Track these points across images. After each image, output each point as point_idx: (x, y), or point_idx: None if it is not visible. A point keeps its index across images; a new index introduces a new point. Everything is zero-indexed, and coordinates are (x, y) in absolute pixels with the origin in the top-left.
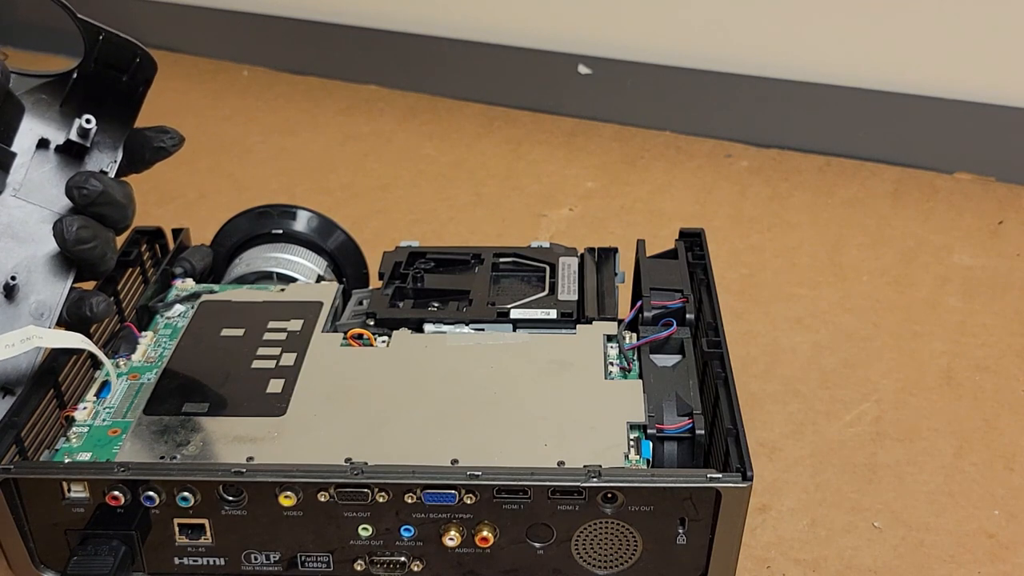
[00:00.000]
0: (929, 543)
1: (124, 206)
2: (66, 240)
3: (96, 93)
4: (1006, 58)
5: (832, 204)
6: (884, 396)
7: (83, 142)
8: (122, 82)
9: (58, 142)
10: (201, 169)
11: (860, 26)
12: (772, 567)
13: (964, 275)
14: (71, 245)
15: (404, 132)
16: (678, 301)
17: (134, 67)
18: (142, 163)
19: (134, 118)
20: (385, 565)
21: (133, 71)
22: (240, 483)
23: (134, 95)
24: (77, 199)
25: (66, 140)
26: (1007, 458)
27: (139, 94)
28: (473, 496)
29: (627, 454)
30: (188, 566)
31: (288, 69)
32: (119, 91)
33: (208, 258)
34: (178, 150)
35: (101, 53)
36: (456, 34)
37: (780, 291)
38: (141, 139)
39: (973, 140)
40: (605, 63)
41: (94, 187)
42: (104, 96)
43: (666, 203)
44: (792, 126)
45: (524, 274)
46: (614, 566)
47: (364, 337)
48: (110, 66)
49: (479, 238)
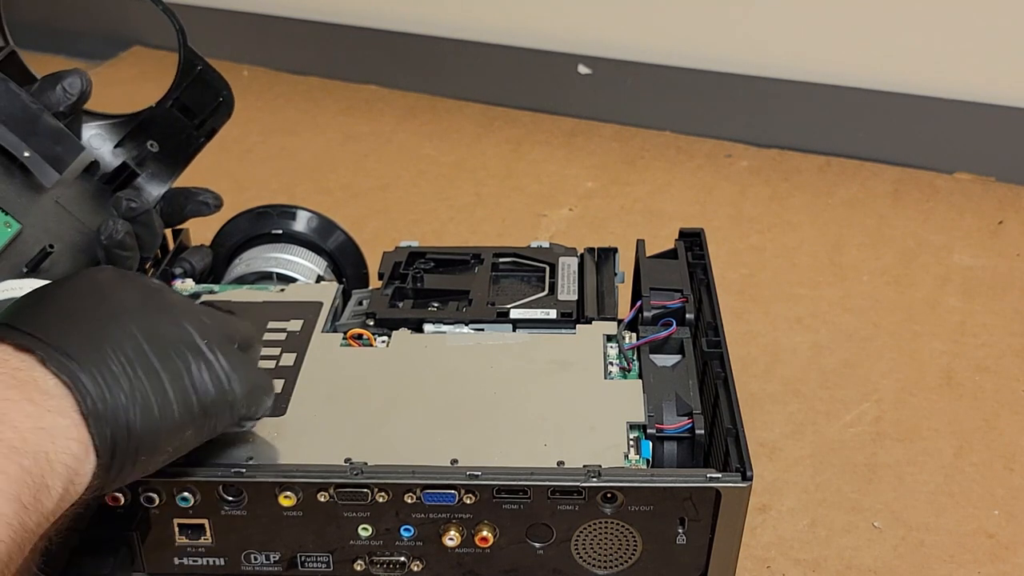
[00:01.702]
0: (929, 543)
1: (156, 234)
2: (112, 238)
3: (157, 135)
4: (1006, 58)
5: (832, 204)
6: (884, 396)
7: (138, 169)
8: (189, 130)
9: (107, 170)
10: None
11: (860, 26)
12: (772, 567)
13: (964, 275)
14: (112, 245)
15: (404, 132)
16: (678, 301)
17: (213, 107)
18: (178, 216)
19: (185, 165)
20: (385, 565)
21: (210, 112)
22: (240, 483)
23: (194, 143)
24: (123, 210)
25: (121, 164)
26: (1007, 458)
27: (199, 144)
28: (473, 496)
29: (627, 454)
30: (188, 566)
31: (288, 69)
32: (182, 139)
33: (208, 258)
34: (218, 211)
35: (191, 84)
36: (456, 34)
37: (780, 291)
38: (183, 192)
39: (973, 140)
40: (605, 63)
41: (142, 203)
42: (166, 141)
43: (666, 203)
44: (792, 126)
45: (524, 274)
46: (614, 566)
47: (364, 337)
48: (189, 105)
49: (479, 238)
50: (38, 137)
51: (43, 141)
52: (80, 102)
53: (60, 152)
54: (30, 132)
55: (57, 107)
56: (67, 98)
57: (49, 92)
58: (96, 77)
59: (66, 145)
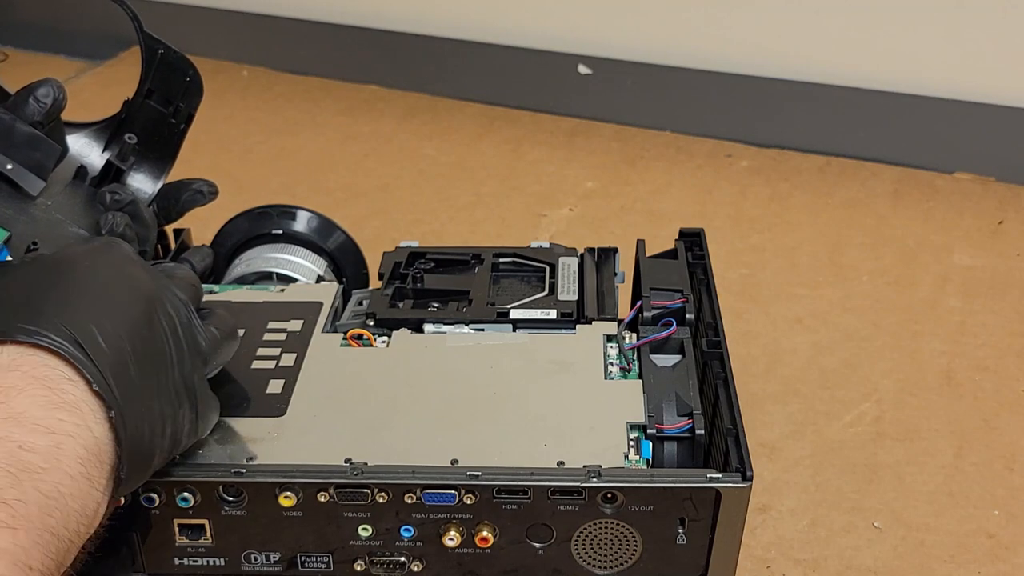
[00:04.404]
0: (929, 543)
1: (149, 226)
2: (113, 231)
3: (140, 131)
4: (1006, 58)
5: (832, 204)
6: (884, 396)
7: (122, 165)
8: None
9: (95, 173)
10: (201, 169)
11: (860, 26)
12: (772, 567)
13: (964, 275)
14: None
15: (404, 132)
16: (678, 301)
17: (183, 89)
18: (175, 209)
19: (172, 157)
20: (385, 565)
21: (181, 94)
22: (240, 483)
23: (175, 132)
24: (108, 203)
25: (105, 163)
26: (1007, 458)
27: (181, 132)
28: (473, 496)
29: (627, 454)
30: (188, 566)
31: (288, 69)
32: (163, 130)
33: (209, 258)
34: (213, 200)
35: (157, 70)
36: (456, 34)
37: (780, 291)
38: (176, 185)
39: (973, 140)
40: (605, 63)
41: (126, 194)
42: (148, 135)
43: (666, 203)
44: (792, 126)
45: (524, 274)
46: (614, 566)
47: (364, 337)
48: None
49: (479, 238)
50: (16, 148)
51: (21, 150)
52: (54, 110)
53: (40, 158)
54: (8, 144)
55: (32, 118)
56: (40, 108)
57: (23, 105)
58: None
59: (44, 150)
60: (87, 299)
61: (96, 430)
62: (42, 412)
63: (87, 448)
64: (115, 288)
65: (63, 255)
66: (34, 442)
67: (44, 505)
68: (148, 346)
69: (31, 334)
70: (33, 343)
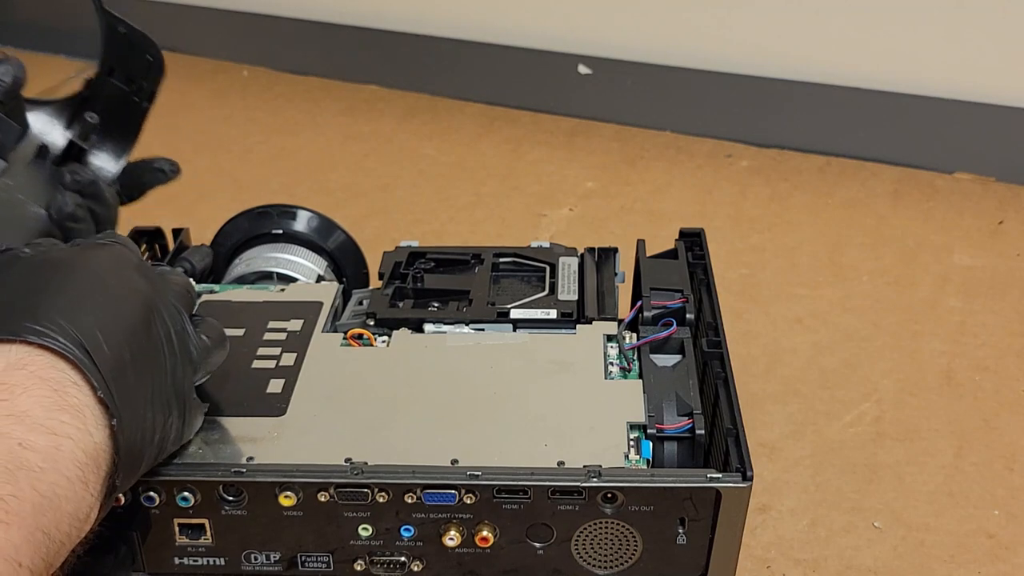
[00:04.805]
0: (929, 543)
1: (110, 206)
2: (61, 211)
3: (102, 109)
4: (1006, 58)
5: (832, 204)
6: (884, 396)
7: (83, 144)
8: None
9: (57, 152)
10: (201, 169)
11: (860, 26)
12: (772, 567)
13: (964, 275)
14: (63, 219)
15: (404, 132)
16: (678, 301)
17: (145, 68)
18: (137, 188)
19: (135, 136)
20: (385, 565)
21: (143, 72)
22: (240, 483)
23: (137, 110)
24: (68, 182)
25: (68, 143)
26: (1007, 458)
27: (143, 110)
28: (473, 496)
29: (627, 454)
30: (188, 566)
31: (288, 69)
32: (125, 109)
33: (208, 258)
34: (175, 178)
35: (118, 49)
36: (456, 34)
37: (780, 291)
38: (138, 164)
39: (973, 140)
40: (605, 63)
41: (87, 174)
42: (110, 114)
43: (666, 203)
44: (792, 126)
45: (524, 274)
46: (614, 566)
47: (364, 337)
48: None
49: (479, 238)
50: None
51: None
52: (14, 89)
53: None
54: None
55: None
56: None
57: None
58: None
59: (3, 129)
60: (91, 303)
61: (96, 436)
62: (45, 413)
63: (86, 452)
64: (117, 293)
65: (64, 255)
66: (34, 441)
67: (39, 504)
68: (145, 353)
69: (40, 335)
70: (42, 344)
